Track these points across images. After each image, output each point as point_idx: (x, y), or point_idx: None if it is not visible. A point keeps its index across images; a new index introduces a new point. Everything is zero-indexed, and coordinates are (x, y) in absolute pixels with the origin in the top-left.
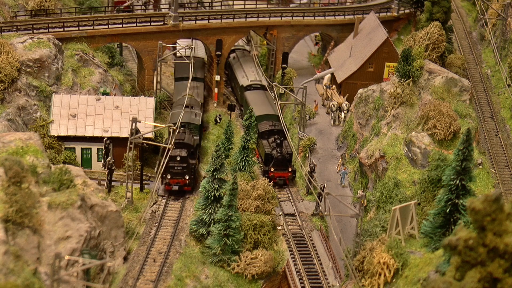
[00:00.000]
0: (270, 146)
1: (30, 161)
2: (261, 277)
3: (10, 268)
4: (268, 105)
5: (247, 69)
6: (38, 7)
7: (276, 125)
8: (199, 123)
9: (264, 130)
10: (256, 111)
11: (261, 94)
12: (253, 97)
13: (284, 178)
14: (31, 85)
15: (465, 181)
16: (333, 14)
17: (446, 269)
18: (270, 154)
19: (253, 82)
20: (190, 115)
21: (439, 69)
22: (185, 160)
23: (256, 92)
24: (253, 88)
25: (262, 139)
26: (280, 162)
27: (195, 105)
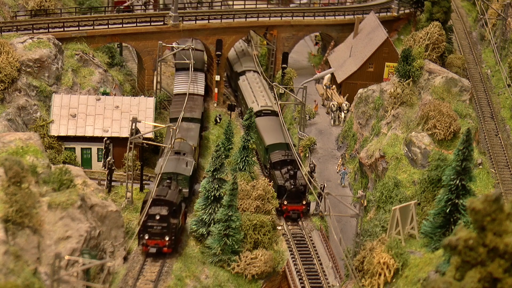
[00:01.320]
0: (283, 177)
1: (30, 161)
2: (261, 277)
3: (10, 268)
4: (280, 133)
5: (257, 93)
6: (38, 7)
7: (289, 155)
8: (190, 174)
9: (277, 160)
10: (267, 139)
11: (272, 121)
12: (264, 124)
13: (298, 212)
14: (31, 85)
15: (465, 181)
16: (333, 14)
17: (446, 269)
18: (283, 186)
19: (263, 107)
20: (179, 164)
21: (439, 69)
22: (166, 220)
23: (267, 118)
24: (263, 114)
25: (275, 170)
26: (294, 194)
27: (187, 151)
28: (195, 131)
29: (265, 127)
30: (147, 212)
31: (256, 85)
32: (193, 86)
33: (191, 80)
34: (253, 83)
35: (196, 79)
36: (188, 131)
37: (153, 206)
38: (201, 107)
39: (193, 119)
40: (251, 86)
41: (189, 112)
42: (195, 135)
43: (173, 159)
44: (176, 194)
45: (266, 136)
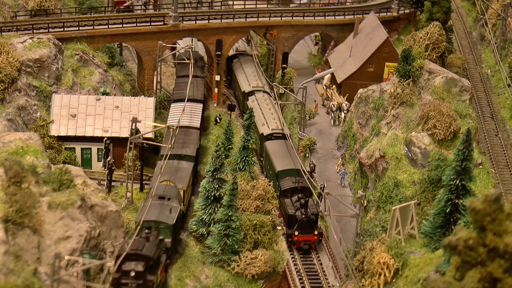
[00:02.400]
0: (294, 206)
1: (30, 161)
2: (261, 277)
3: (10, 268)
4: (291, 158)
5: (267, 115)
6: (38, 7)
7: (300, 182)
8: (173, 222)
9: (287, 187)
10: (278, 165)
11: (283, 145)
12: (274, 148)
13: (310, 242)
14: (31, 85)
15: (465, 181)
16: (333, 14)
17: (446, 269)
18: (294, 216)
19: (274, 131)
20: (162, 211)
21: (439, 69)
22: (142, 276)
23: (277, 142)
24: (274, 138)
25: (285, 198)
26: (305, 224)
27: (172, 196)
28: (187, 172)
29: (275, 151)
30: (121, 268)
31: (266, 106)
32: (187, 118)
33: (185, 111)
34: (263, 104)
35: (192, 110)
36: (177, 171)
37: (127, 261)
38: (196, 142)
39: (185, 156)
40: (261, 108)
41: (180, 148)
42: (186, 176)
43: (155, 204)
44: (154, 247)
45: (276, 161)
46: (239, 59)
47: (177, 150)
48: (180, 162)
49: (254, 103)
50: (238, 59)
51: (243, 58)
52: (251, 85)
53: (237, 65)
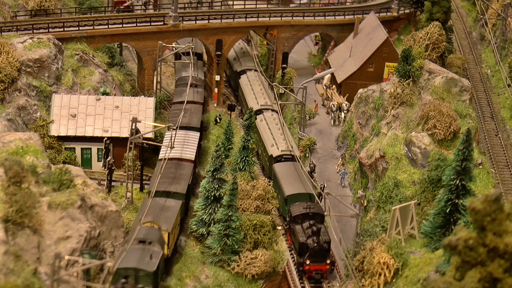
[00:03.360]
0: (305, 233)
1: (30, 161)
2: (261, 277)
3: (10, 268)
4: (301, 182)
5: (276, 136)
6: (38, 7)
7: (311, 207)
8: (153, 269)
9: (298, 213)
10: (288, 189)
11: (293, 167)
12: (283, 170)
13: (322, 272)
14: (31, 85)
15: (465, 181)
16: (333, 14)
17: (446, 269)
18: (306, 244)
19: (284, 152)
20: (142, 257)
21: (439, 69)
22: None
23: (287, 164)
24: (283, 160)
25: (295, 224)
26: (317, 253)
27: (154, 239)
28: (173, 211)
29: (284, 174)
30: None
31: (275, 126)
32: (179, 148)
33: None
34: (272, 123)
35: (186, 139)
36: (163, 211)
37: None
38: (188, 177)
39: (174, 194)
40: (269, 127)
41: (169, 184)
42: (172, 216)
43: (135, 249)
44: None
45: (285, 185)
46: (247, 75)
47: (165, 186)
48: (167, 200)
49: (262, 122)
50: (246, 75)
51: (251, 74)
52: (259, 103)
53: (244, 82)
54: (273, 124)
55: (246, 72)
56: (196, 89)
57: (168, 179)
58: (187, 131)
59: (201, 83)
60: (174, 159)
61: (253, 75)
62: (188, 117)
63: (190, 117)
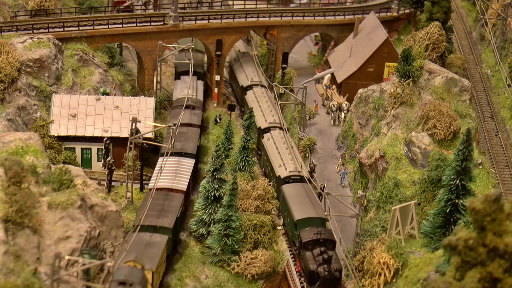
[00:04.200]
0: (316, 260)
1: (30, 161)
2: (261, 277)
3: (10, 268)
4: (311, 205)
5: (284, 155)
6: (38, 7)
7: (322, 233)
8: None
9: (308, 240)
10: (298, 213)
11: (302, 189)
12: (292, 192)
13: None
14: (31, 85)
15: (465, 181)
16: (333, 14)
17: (446, 269)
18: (316, 272)
19: (292, 173)
20: None
21: (439, 69)
22: None
23: (296, 186)
24: (292, 181)
25: (305, 250)
26: (328, 282)
27: (135, 281)
28: (159, 248)
29: (294, 197)
30: None
31: (283, 145)
32: (170, 177)
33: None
34: (280, 143)
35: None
36: (147, 248)
37: None
38: (177, 210)
39: (160, 228)
40: (277, 147)
41: (155, 218)
42: (157, 253)
43: None
44: None
45: (295, 208)
46: (253, 91)
47: (151, 220)
48: (152, 236)
49: (269, 141)
50: (253, 90)
51: (258, 90)
52: (267, 121)
53: (251, 98)
54: (281, 143)
55: (253, 87)
56: (194, 111)
57: (155, 211)
58: (180, 157)
59: (199, 105)
60: (163, 189)
61: (260, 91)
62: (183, 142)
63: (185, 142)
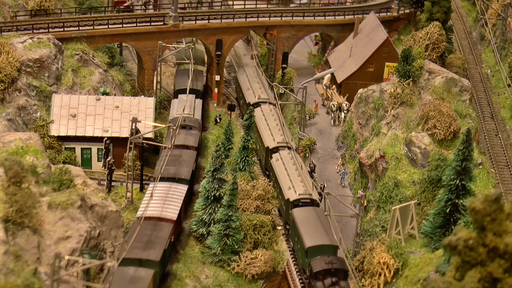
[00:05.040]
0: None
1: (30, 161)
2: (261, 277)
3: (10, 268)
4: (323, 231)
5: (293, 177)
6: (38, 7)
7: (334, 263)
8: None
9: (319, 269)
10: (308, 239)
11: (314, 214)
12: (303, 216)
13: None
14: (31, 85)
15: (465, 181)
16: (333, 14)
17: (446, 269)
18: None
19: (302, 196)
20: None
21: (439, 69)
22: None
23: (307, 210)
24: (302, 204)
25: (316, 281)
26: None
27: None
28: (144, 283)
29: (304, 222)
30: None
31: (292, 166)
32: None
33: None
34: (289, 164)
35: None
36: (131, 284)
37: None
38: (165, 242)
39: (145, 262)
40: (286, 168)
41: (140, 250)
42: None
43: None
44: None
45: (306, 235)
46: (261, 108)
47: (136, 253)
48: (137, 270)
49: (278, 162)
50: (260, 108)
51: (266, 108)
52: (276, 141)
53: (259, 116)
54: (290, 164)
55: (260, 105)
56: (190, 131)
57: (141, 243)
58: (172, 183)
59: (197, 125)
60: (152, 218)
61: (268, 108)
62: (177, 166)
63: (179, 166)
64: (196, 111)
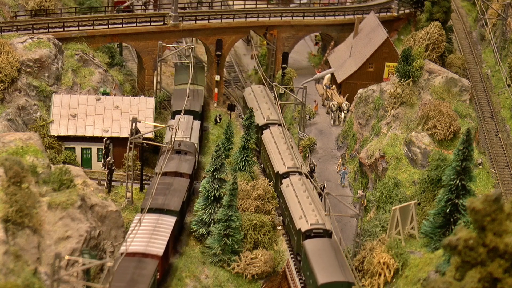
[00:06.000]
0: None
1: (30, 161)
2: (261, 277)
3: (10, 268)
4: (338, 266)
5: (305, 206)
6: (38, 7)
7: None
8: None
9: None
10: (321, 275)
11: (328, 246)
12: (316, 249)
13: None
14: (31, 85)
15: (465, 181)
16: (333, 14)
17: (446, 269)
18: None
19: (314, 226)
20: None
21: (439, 69)
22: None
23: (320, 242)
24: (314, 235)
25: None
26: None
27: None
28: None
29: (317, 255)
30: None
31: (303, 193)
32: (145, 239)
33: (146, 227)
34: (300, 190)
35: (157, 227)
36: None
37: None
38: (149, 279)
39: None
40: (297, 195)
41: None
42: None
43: None
44: None
45: (319, 270)
46: (270, 130)
47: None
48: None
49: (289, 188)
50: (269, 130)
51: (275, 130)
52: (286, 165)
53: (268, 138)
54: (301, 191)
55: (270, 127)
56: (185, 156)
57: (122, 282)
58: (160, 215)
59: (193, 150)
60: (136, 254)
61: (278, 130)
62: (166, 196)
63: (169, 196)
64: (193, 134)
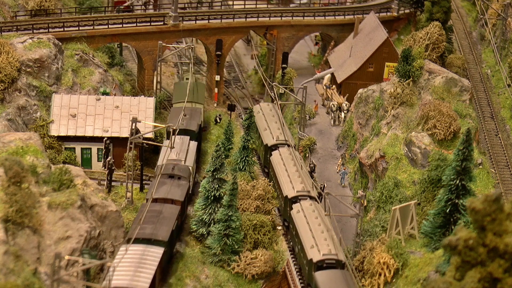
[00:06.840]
0: None
1: (30, 161)
2: (261, 277)
3: (10, 268)
4: None
5: (317, 234)
6: (38, 7)
7: None
8: None
9: None
10: None
11: (342, 279)
12: (328, 281)
13: None
14: (31, 85)
15: (465, 181)
16: (333, 14)
17: (446, 269)
18: None
19: (326, 256)
20: None
21: (439, 69)
22: None
23: (333, 274)
24: (326, 266)
25: None
26: None
27: None
28: None
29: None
30: None
31: (315, 220)
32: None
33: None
34: (311, 217)
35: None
36: None
37: None
38: None
39: None
40: (308, 222)
41: None
42: None
43: None
44: None
45: None
46: (279, 151)
47: None
48: None
49: (299, 214)
50: (278, 151)
51: (284, 151)
52: (295, 189)
53: (277, 160)
54: (312, 218)
55: (279, 147)
56: (179, 181)
57: None
58: (147, 246)
59: (187, 174)
60: None
61: (287, 151)
62: (154, 225)
63: (157, 225)
64: (188, 156)
